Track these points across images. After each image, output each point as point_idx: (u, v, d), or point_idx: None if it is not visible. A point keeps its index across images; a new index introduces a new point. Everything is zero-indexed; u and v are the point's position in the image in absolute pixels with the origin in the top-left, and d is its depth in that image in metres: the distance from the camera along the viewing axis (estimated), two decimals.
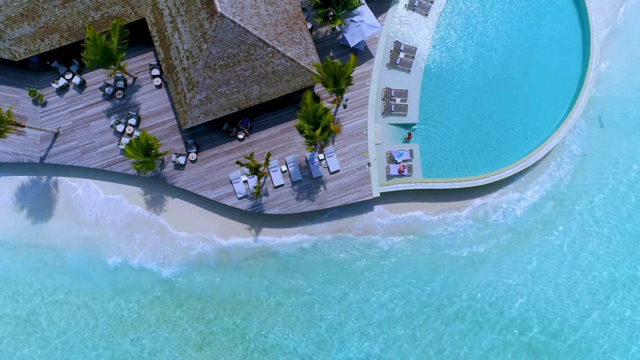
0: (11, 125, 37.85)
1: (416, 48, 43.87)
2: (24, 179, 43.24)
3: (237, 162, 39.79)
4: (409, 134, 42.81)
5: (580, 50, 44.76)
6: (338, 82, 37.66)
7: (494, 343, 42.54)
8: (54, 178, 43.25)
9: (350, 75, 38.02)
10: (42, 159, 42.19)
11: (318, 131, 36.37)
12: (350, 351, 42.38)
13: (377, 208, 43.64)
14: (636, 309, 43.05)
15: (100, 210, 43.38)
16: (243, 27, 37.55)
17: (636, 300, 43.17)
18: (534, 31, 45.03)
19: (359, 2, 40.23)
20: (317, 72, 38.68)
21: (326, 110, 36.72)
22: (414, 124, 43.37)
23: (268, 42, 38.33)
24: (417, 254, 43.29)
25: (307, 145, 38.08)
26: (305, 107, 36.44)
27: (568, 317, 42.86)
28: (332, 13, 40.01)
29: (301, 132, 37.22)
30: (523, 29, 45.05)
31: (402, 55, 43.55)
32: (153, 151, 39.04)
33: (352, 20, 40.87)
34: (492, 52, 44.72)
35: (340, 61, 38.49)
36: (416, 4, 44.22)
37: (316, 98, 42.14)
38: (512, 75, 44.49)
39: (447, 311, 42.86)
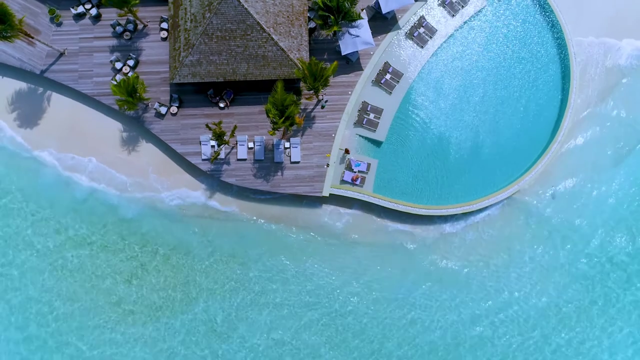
0: (21, 33, 41.72)
1: (403, 74, 46.68)
2: (22, 85, 47.09)
3: (206, 126, 43.11)
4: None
5: (553, 121, 47.23)
6: (316, 81, 40.76)
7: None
8: (48, 92, 47.03)
9: (328, 78, 41.09)
10: (42, 72, 46.01)
11: (281, 119, 39.52)
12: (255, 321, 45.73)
13: (325, 206, 46.58)
14: None
15: (83, 135, 46.81)
16: (246, 8, 40.88)
17: None
18: (518, 89, 47.63)
19: (359, 16, 43.20)
20: (300, 67, 41.76)
21: (294, 102, 39.83)
22: (379, 142, 46.25)
23: (265, 28, 41.58)
24: (338, 254, 46.37)
25: (271, 129, 41.21)
26: (275, 94, 39.64)
27: None
28: (331, 19, 43.06)
29: (267, 115, 40.39)
30: (508, 84, 47.64)
31: (388, 76, 46.40)
32: (137, 94, 42.60)
33: (349, 32, 43.89)
34: (473, 99, 47.39)
35: (324, 64, 41.48)
36: (415, 34, 47.02)
37: (298, 92, 45.26)
38: (484, 126, 47.16)
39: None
